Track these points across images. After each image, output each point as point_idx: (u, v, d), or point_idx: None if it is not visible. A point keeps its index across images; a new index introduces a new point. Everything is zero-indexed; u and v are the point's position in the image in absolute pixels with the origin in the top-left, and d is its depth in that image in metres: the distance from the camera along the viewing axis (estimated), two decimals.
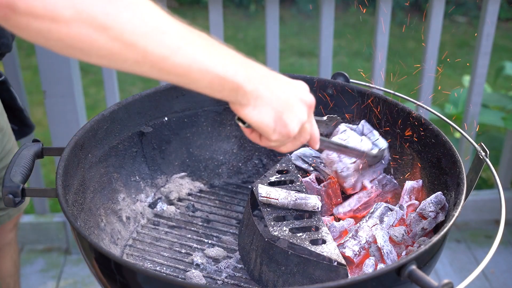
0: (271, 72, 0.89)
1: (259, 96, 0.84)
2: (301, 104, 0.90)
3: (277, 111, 0.87)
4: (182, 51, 0.74)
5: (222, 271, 1.21)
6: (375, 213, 1.18)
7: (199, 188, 1.49)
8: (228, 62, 0.80)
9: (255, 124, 0.87)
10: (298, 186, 1.24)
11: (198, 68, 0.76)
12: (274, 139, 0.90)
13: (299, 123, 0.90)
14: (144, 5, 0.71)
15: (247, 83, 0.82)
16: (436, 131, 1.23)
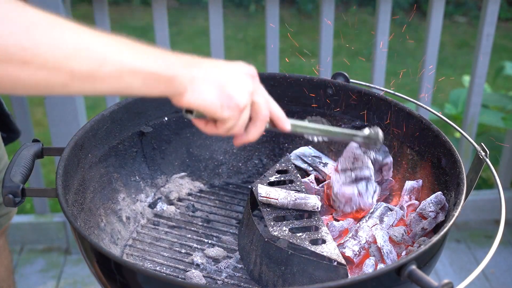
0: (205, 59, 0.87)
1: (194, 78, 0.83)
2: (242, 74, 0.88)
3: (217, 86, 0.85)
4: (109, 60, 0.73)
5: (222, 271, 1.21)
6: (375, 213, 1.18)
7: (199, 188, 1.49)
8: (157, 58, 0.79)
9: (200, 106, 0.84)
10: (297, 186, 1.24)
11: (128, 71, 0.75)
12: (226, 116, 0.86)
13: (246, 92, 0.87)
14: (61, 27, 0.70)
15: (180, 70, 0.81)
16: (436, 131, 1.23)
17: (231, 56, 4.18)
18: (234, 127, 0.90)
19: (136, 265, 0.92)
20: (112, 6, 4.87)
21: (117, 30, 0.94)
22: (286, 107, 1.46)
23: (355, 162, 1.21)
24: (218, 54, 2.12)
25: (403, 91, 1.45)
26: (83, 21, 0.75)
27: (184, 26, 4.95)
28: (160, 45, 2.09)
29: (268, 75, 1.45)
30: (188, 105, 0.84)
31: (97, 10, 2.02)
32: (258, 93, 0.91)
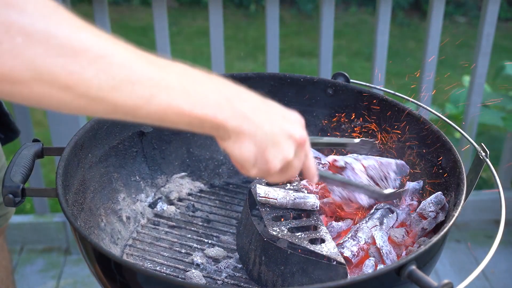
0: (263, 102, 0.84)
1: (241, 132, 0.80)
2: (288, 140, 0.86)
3: (259, 147, 0.82)
4: (155, 99, 0.70)
5: (222, 271, 1.21)
6: (375, 215, 1.18)
7: (199, 188, 1.49)
8: (208, 101, 0.76)
9: (234, 158, 0.84)
10: (296, 185, 1.24)
11: (174, 113, 0.73)
12: (253, 174, 0.86)
13: (283, 160, 0.86)
14: (110, 57, 0.67)
15: (229, 120, 0.78)
16: (436, 131, 1.23)
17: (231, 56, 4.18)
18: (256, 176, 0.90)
19: (136, 265, 0.92)
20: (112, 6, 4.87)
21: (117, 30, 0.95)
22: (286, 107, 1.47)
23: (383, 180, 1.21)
24: (218, 54, 2.12)
25: (403, 91, 1.45)
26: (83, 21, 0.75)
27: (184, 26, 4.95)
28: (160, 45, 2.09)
29: (268, 75, 1.45)
30: (225, 150, 0.84)
31: (97, 10, 2.02)
32: (297, 157, 0.89)
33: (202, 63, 2.76)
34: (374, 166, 1.20)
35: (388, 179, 1.23)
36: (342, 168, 1.20)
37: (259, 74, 1.46)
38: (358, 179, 1.19)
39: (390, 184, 1.23)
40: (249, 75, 1.45)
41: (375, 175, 1.20)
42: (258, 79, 1.45)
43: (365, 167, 1.19)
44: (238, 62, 4.28)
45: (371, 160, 1.22)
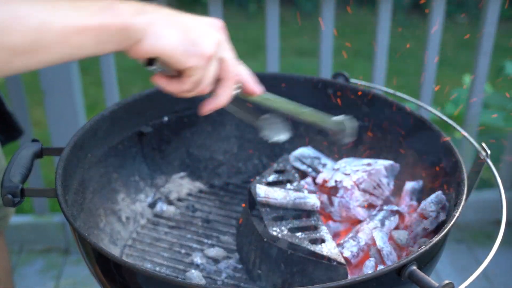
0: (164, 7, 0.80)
1: (152, 22, 0.74)
2: (206, 24, 0.81)
3: (180, 30, 0.76)
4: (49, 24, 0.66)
5: (222, 272, 1.21)
6: (377, 216, 1.17)
7: (199, 188, 1.48)
8: (104, 9, 0.72)
9: (160, 52, 0.76)
10: (296, 185, 1.24)
11: (75, 31, 0.68)
12: (191, 65, 0.77)
13: (212, 41, 0.79)
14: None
15: (134, 17, 0.73)
16: (436, 131, 1.23)
17: None
18: (201, 81, 0.81)
19: (136, 266, 0.92)
20: None
21: None
22: None
23: (376, 188, 1.21)
24: None
25: (403, 91, 1.44)
26: None
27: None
28: None
29: (268, 75, 1.45)
30: (147, 52, 0.76)
31: None
32: (225, 48, 0.84)
33: None
34: (364, 179, 1.19)
35: (382, 185, 1.22)
36: (335, 188, 1.20)
37: (259, 74, 1.45)
38: (353, 199, 1.18)
39: (385, 190, 1.23)
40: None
41: (368, 187, 1.20)
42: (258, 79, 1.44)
43: (356, 184, 1.19)
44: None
45: (359, 172, 1.21)
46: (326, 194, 1.21)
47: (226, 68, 0.84)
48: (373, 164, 1.23)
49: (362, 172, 1.20)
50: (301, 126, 1.47)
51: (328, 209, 1.21)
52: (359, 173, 1.20)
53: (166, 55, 0.76)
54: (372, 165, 1.23)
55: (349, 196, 1.18)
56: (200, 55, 0.78)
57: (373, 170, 1.21)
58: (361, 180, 1.19)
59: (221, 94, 0.86)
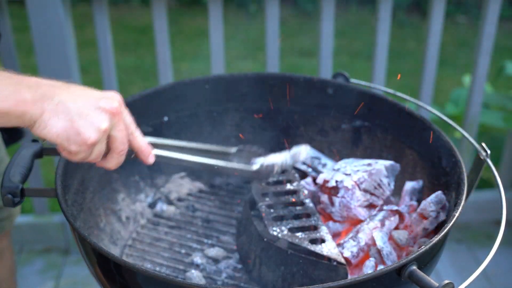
0: (66, 85, 0.90)
1: (44, 112, 0.86)
2: (98, 111, 0.89)
3: (66, 121, 0.87)
4: None
5: (222, 272, 1.21)
6: (377, 216, 1.17)
7: (199, 188, 1.48)
8: (9, 95, 0.83)
9: (46, 137, 0.88)
10: (296, 185, 1.24)
11: None
12: (74, 150, 0.89)
13: (96, 130, 0.89)
14: None
15: (30, 107, 0.84)
16: (436, 131, 1.23)
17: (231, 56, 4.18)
18: (86, 159, 0.93)
19: (136, 266, 0.92)
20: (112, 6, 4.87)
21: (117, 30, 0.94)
22: (286, 107, 1.46)
23: (377, 188, 1.21)
24: (218, 54, 2.11)
25: (403, 90, 1.44)
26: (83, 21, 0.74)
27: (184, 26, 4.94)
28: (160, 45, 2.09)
29: (268, 75, 1.45)
30: (39, 136, 0.88)
31: (96, 10, 2.02)
32: (116, 128, 0.93)
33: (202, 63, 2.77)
34: (364, 178, 1.19)
35: (382, 185, 1.22)
36: (335, 188, 1.20)
37: (259, 74, 1.45)
38: (354, 199, 1.18)
39: (386, 190, 1.23)
40: (249, 75, 1.44)
41: (368, 187, 1.20)
42: (258, 79, 1.45)
43: (357, 184, 1.19)
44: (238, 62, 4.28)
45: (359, 172, 1.20)
46: (327, 194, 1.21)
47: (114, 145, 0.94)
48: (373, 164, 1.23)
49: (362, 172, 1.20)
50: (301, 126, 1.47)
51: (329, 209, 1.21)
52: (359, 173, 1.20)
53: (51, 140, 0.88)
54: (373, 165, 1.23)
55: (350, 196, 1.18)
56: (82, 143, 0.88)
57: (374, 170, 1.21)
58: (362, 180, 1.19)
59: (109, 161, 0.97)
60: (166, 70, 2.13)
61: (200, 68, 4.15)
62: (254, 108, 1.47)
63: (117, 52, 2.36)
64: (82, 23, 4.08)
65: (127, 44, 4.52)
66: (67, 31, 1.98)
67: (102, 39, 2.06)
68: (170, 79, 2.15)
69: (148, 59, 4.09)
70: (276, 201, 1.19)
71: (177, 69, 3.80)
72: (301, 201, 1.20)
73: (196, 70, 4.14)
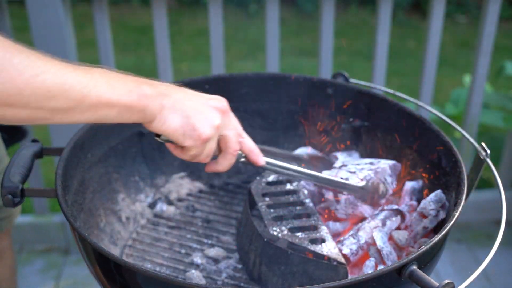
0: (177, 87, 0.95)
1: (164, 108, 0.90)
2: (211, 108, 0.94)
3: (183, 116, 0.91)
4: (87, 97, 0.81)
5: (222, 272, 1.21)
6: (379, 215, 1.17)
7: (198, 188, 1.48)
8: (132, 90, 0.86)
9: (165, 132, 0.92)
10: (295, 185, 1.24)
11: (104, 105, 0.83)
12: (188, 145, 0.93)
13: (211, 126, 0.93)
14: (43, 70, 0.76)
15: (151, 101, 0.88)
16: (436, 131, 1.23)
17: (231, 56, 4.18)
18: (199, 156, 0.96)
19: (136, 266, 0.92)
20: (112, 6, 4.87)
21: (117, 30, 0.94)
22: (286, 107, 1.46)
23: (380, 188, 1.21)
24: (218, 54, 2.11)
25: (403, 90, 1.44)
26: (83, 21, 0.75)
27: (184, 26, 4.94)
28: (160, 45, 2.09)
29: (268, 75, 1.45)
30: (156, 131, 0.92)
31: (96, 10, 2.02)
32: (228, 127, 0.98)
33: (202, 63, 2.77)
34: (371, 176, 1.19)
35: (386, 184, 1.22)
36: None
37: (259, 74, 1.45)
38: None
39: (389, 189, 1.23)
40: (249, 75, 1.44)
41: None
42: (258, 79, 1.45)
43: (363, 181, 1.18)
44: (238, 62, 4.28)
45: (364, 170, 1.21)
46: (332, 191, 1.20)
47: (227, 144, 0.99)
48: (376, 163, 1.23)
49: (368, 171, 1.20)
50: (301, 126, 1.47)
51: (333, 206, 1.20)
52: (365, 171, 1.20)
53: (168, 135, 0.93)
54: (376, 164, 1.23)
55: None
56: (197, 138, 0.93)
57: (379, 168, 1.21)
58: (368, 178, 1.19)
59: (221, 163, 1.01)
60: (166, 70, 2.13)
61: (200, 68, 4.15)
62: (254, 108, 1.47)
63: (117, 52, 2.36)
64: (82, 23, 4.07)
65: (127, 44, 4.52)
66: (67, 31, 1.98)
67: (102, 39, 2.06)
68: (170, 79, 2.15)
69: (148, 59, 4.09)
70: (276, 201, 1.19)
71: (177, 69, 3.80)
72: (301, 201, 1.20)
73: (196, 70, 4.14)
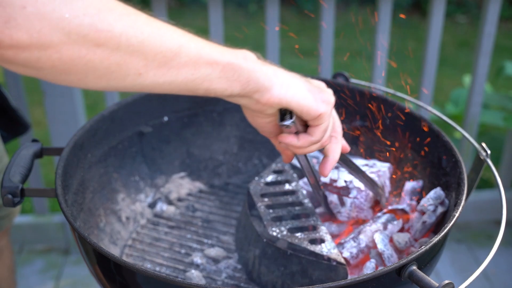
0: None
1: (278, 73, 0.77)
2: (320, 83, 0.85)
3: (303, 81, 0.80)
4: (185, 48, 0.71)
5: (222, 272, 1.21)
6: (380, 219, 1.17)
7: (199, 188, 1.48)
8: (236, 53, 0.76)
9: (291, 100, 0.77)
10: (295, 185, 1.24)
11: (206, 61, 0.73)
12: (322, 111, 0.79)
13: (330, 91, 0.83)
14: (135, 15, 0.68)
15: (260, 65, 0.77)
16: (436, 131, 1.23)
17: None
18: (328, 129, 0.85)
19: (136, 266, 0.92)
20: None
21: None
22: None
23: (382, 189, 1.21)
24: None
25: (403, 91, 1.44)
26: None
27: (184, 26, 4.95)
28: None
29: None
30: (278, 101, 0.78)
31: None
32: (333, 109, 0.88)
33: None
34: (376, 180, 1.19)
35: (385, 187, 1.22)
36: (346, 188, 1.19)
37: None
38: (368, 200, 1.18)
39: (386, 192, 1.23)
40: None
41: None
42: None
43: None
44: None
45: (367, 173, 1.20)
46: (336, 194, 1.20)
47: (335, 123, 0.89)
48: (372, 166, 1.23)
49: (371, 174, 1.20)
50: None
51: (337, 209, 1.20)
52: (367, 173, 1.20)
53: (298, 103, 0.78)
54: (372, 166, 1.23)
55: (364, 197, 1.18)
56: (328, 101, 0.81)
57: (381, 172, 1.21)
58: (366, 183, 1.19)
59: (333, 150, 0.90)
60: None
61: None
62: None
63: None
64: None
65: None
66: None
67: None
68: None
69: None
70: (275, 201, 1.19)
71: None
72: (299, 201, 1.20)
73: None
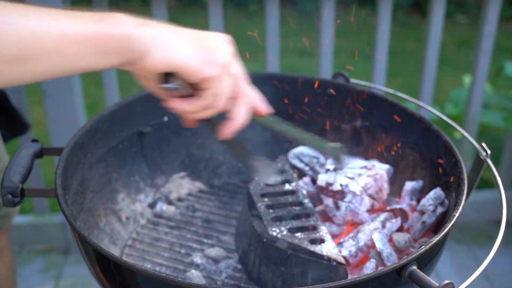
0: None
1: (159, 33, 0.68)
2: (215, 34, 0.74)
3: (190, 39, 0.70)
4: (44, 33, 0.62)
5: (222, 272, 1.21)
6: (379, 218, 1.17)
7: (199, 188, 1.48)
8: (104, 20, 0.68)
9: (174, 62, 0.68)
10: (294, 186, 1.24)
11: (71, 40, 0.64)
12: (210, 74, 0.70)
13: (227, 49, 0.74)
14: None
15: (137, 28, 0.68)
16: (436, 131, 1.23)
17: None
18: (220, 94, 0.74)
19: (136, 266, 0.92)
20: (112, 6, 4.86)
21: None
22: (286, 107, 1.46)
23: (378, 192, 1.21)
24: None
25: (403, 91, 1.44)
26: None
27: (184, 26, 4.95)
28: None
29: (268, 75, 1.45)
30: (159, 65, 0.69)
31: (97, 10, 2.02)
32: (236, 64, 0.77)
33: None
34: (372, 184, 1.19)
35: (383, 190, 1.22)
36: (341, 192, 1.18)
37: (259, 74, 1.45)
38: (362, 205, 1.18)
39: (384, 194, 1.23)
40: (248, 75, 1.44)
41: (372, 192, 1.20)
42: (258, 79, 1.44)
43: (364, 189, 1.18)
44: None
45: (363, 176, 1.20)
46: (331, 197, 1.20)
47: (239, 84, 0.78)
48: (371, 167, 1.23)
49: (367, 177, 1.19)
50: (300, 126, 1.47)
51: (332, 212, 1.20)
52: (364, 177, 1.19)
53: (181, 66, 0.70)
54: (371, 168, 1.23)
55: (358, 202, 1.17)
56: (217, 63, 0.72)
57: (378, 175, 1.21)
58: (369, 186, 1.18)
59: (238, 113, 0.80)
60: None
61: None
62: None
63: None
64: None
65: None
66: None
67: None
68: None
69: None
70: (275, 201, 1.19)
71: None
72: (299, 201, 1.20)
73: None
